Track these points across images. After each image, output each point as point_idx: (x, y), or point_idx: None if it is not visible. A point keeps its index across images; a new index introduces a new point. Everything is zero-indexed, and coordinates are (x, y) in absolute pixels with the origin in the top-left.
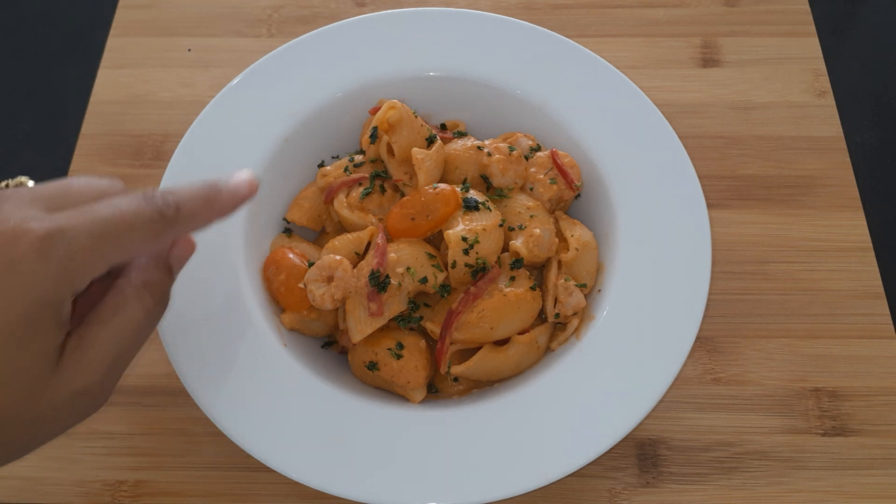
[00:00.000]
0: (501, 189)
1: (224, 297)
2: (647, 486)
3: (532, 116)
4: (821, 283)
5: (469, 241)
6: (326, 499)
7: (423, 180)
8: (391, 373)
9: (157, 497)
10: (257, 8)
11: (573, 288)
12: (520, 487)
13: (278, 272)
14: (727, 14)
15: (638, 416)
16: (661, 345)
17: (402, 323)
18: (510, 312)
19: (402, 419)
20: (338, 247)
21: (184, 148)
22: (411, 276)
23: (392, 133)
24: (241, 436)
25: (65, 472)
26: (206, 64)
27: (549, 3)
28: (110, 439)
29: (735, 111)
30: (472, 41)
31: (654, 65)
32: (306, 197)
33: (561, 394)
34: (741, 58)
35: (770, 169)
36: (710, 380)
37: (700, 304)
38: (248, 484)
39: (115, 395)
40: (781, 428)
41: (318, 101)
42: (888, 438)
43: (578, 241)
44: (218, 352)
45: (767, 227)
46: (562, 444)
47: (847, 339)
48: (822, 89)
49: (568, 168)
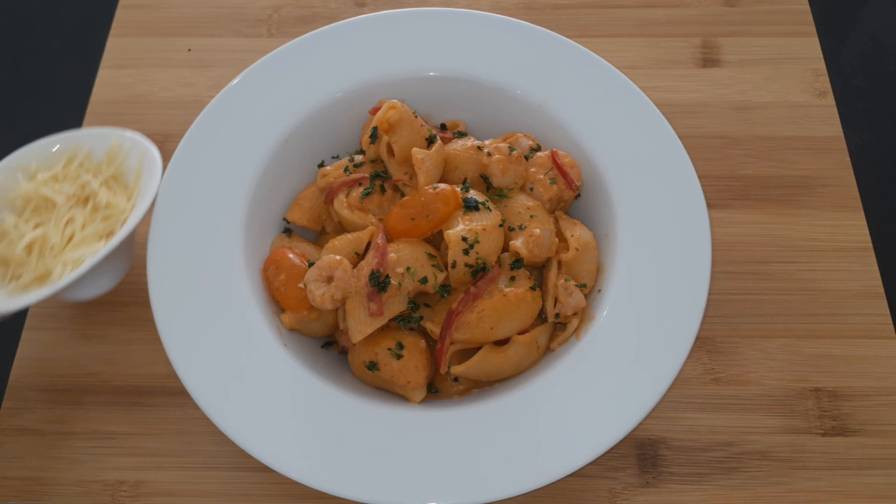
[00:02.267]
0: (501, 189)
1: (224, 297)
2: (647, 486)
3: (532, 116)
4: (821, 283)
5: (469, 241)
6: (326, 499)
7: (423, 180)
8: (391, 373)
9: (157, 497)
10: (257, 8)
11: (573, 288)
12: (520, 487)
13: (278, 272)
14: (727, 14)
15: (638, 416)
16: (661, 345)
17: (402, 323)
18: (510, 312)
19: (402, 419)
20: (338, 247)
21: (184, 148)
22: (411, 276)
23: (392, 133)
24: (240, 436)
25: (65, 472)
26: (206, 64)
27: (549, 3)
28: (110, 439)
29: (735, 111)
30: (472, 41)
31: (654, 65)
32: (306, 197)
33: (561, 394)
34: (741, 58)
35: (770, 169)
36: (710, 380)
37: (700, 305)
38: (248, 484)
39: (115, 395)
40: (781, 428)
41: (318, 101)
42: (888, 438)
43: (578, 241)
44: (218, 352)
45: (767, 227)
46: (562, 444)
47: (847, 339)
48: (822, 89)
49: (568, 168)
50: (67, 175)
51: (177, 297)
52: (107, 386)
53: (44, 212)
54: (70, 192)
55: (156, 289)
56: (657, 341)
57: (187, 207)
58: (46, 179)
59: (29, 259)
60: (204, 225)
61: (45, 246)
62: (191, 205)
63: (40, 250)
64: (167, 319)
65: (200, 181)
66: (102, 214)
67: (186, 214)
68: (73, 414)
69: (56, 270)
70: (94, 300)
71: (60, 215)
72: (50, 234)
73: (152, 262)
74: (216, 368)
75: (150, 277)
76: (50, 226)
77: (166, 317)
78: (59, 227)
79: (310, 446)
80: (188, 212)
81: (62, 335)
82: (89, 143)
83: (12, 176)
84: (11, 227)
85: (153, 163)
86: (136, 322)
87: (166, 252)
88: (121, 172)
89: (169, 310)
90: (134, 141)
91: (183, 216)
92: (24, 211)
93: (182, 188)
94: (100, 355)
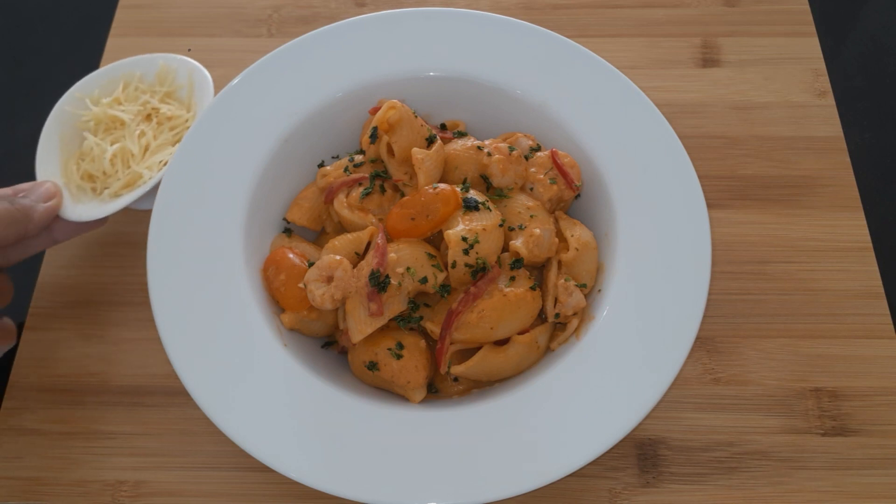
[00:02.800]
0: (501, 189)
1: (224, 297)
2: (647, 486)
3: (532, 116)
4: (821, 283)
5: (469, 241)
6: (326, 499)
7: (423, 180)
8: (391, 373)
9: (157, 497)
10: (257, 8)
11: (573, 288)
12: (520, 487)
13: (278, 272)
14: (727, 14)
15: (638, 416)
16: (661, 345)
17: (402, 323)
18: (510, 312)
19: (402, 419)
20: (338, 247)
21: (184, 148)
22: (411, 276)
23: (392, 133)
24: (240, 436)
25: (65, 472)
26: (206, 64)
27: (549, 3)
28: (110, 439)
29: (735, 111)
30: (472, 41)
31: (654, 65)
32: (306, 197)
33: (561, 394)
34: (741, 58)
35: (770, 169)
36: (710, 380)
37: (700, 304)
38: (248, 484)
39: (116, 395)
40: (781, 428)
41: (318, 101)
42: (888, 438)
43: (578, 241)
44: (218, 352)
45: (767, 227)
46: (562, 444)
47: (847, 339)
48: (822, 89)
49: (568, 168)
50: (128, 97)
51: (177, 297)
52: (107, 386)
53: (115, 130)
54: (134, 111)
55: (156, 289)
56: (657, 341)
57: (187, 207)
58: (110, 103)
59: (115, 170)
60: (204, 225)
61: (127, 156)
62: (191, 205)
63: (123, 160)
64: (167, 319)
65: (200, 181)
66: (168, 126)
67: (187, 214)
68: (73, 414)
69: (144, 174)
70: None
71: (132, 130)
72: (129, 147)
73: (152, 262)
74: (216, 368)
75: (150, 277)
76: (126, 140)
77: (166, 317)
78: (135, 140)
79: (310, 446)
80: (188, 212)
81: (62, 335)
82: (140, 69)
83: (80, 104)
84: (94, 145)
85: (203, 77)
86: (136, 322)
87: (166, 252)
88: (173, 89)
89: (169, 310)
90: (179, 61)
91: (183, 216)
92: (98, 132)
93: (182, 188)
94: (100, 355)
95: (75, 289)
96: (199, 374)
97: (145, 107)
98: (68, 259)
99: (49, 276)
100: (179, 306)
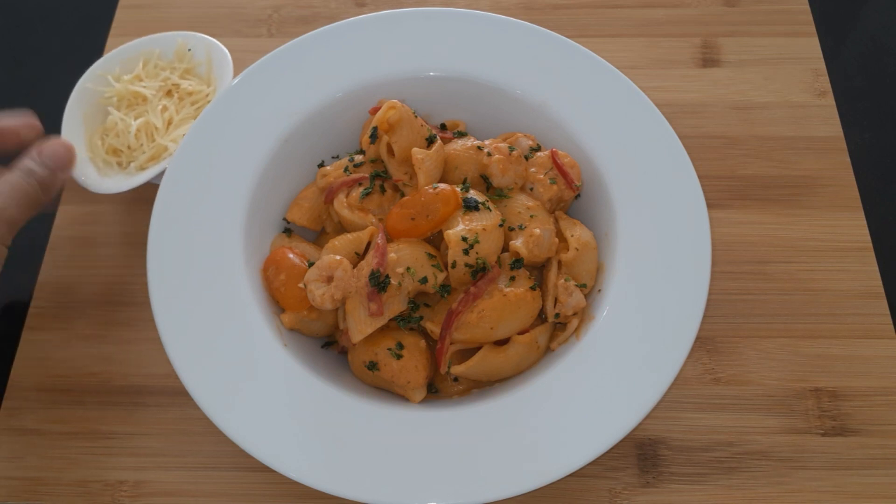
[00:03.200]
0: (501, 189)
1: (224, 297)
2: (647, 486)
3: (532, 116)
4: (821, 283)
5: (469, 241)
6: (326, 499)
7: (423, 180)
8: (391, 373)
9: (156, 497)
10: (257, 8)
11: (573, 288)
12: (520, 487)
13: (278, 272)
14: (727, 14)
15: (638, 416)
16: (661, 345)
17: (402, 323)
18: (510, 312)
19: (402, 419)
20: (338, 247)
21: (184, 148)
22: (411, 276)
23: (392, 133)
24: (240, 436)
25: (65, 472)
26: None
27: (549, 3)
28: (110, 439)
29: (735, 111)
30: (472, 41)
31: (654, 65)
32: (306, 197)
33: (561, 394)
34: (741, 58)
35: (770, 169)
36: (710, 380)
37: (700, 304)
38: (248, 484)
39: (116, 395)
40: (781, 428)
41: (318, 101)
42: (888, 438)
43: (578, 241)
44: (218, 352)
45: (767, 227)
46: (562, 444)
47: (847, 339)
48: (822, 89)
49: (568, 168)
50: (148, 74)
51: (177, 297)
52: (107, 386)
53: (137, 106)
54: (155, 87)
55: (156, 289)
56: (657, 341)
57: (187, 207)
58: (131, 79)
59: (139, 144)
60: (204, 225)
61: (151, 130)
62: (191, 205)
63: (148, 134)
64: (167, 319)
65: (201, 181)
66: (189, 101)
67: (186, 214)
68: (73, 414)
69: (170, 147)
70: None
71: (154, 105)
72: (153, 121)
73: (152, 262)
74: (216, 368)
75: (150, 277)
76: (149, 115)
77: (166, 317)
78: (158, 114)
79: (310, 446)
80: (188, 212)
81: (62, 335)
82: (158, 46)
83: (103, 82)
84: (118, 120)
85: (221, 53)
86: (136, 322)
87: (166, 252)
88: (192, 66)
89: (169, 310)
90: (196, 38)
91: (183, 216)
92: (121, 108)
93: (182, 188)
94: (100, 355)
95: (75, 289)
96: (199, 374)
97: (166, 83)
98: (68, 259)
99: (49, 276)
100: (179, 306)
